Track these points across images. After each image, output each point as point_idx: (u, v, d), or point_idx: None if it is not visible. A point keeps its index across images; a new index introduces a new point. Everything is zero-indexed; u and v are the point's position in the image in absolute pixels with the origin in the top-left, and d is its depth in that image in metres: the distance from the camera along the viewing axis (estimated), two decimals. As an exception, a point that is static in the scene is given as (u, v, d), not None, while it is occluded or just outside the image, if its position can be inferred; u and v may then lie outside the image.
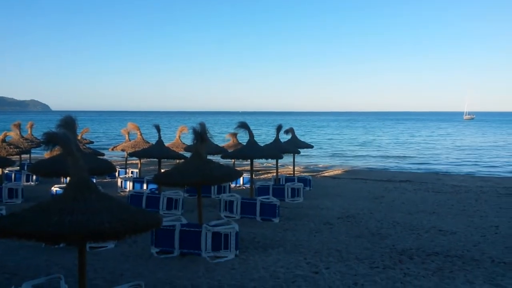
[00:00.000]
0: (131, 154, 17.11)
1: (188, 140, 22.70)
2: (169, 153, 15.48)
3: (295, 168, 20.65)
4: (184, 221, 9.97)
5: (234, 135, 21.30)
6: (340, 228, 11.87)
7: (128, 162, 22.32)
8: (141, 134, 19.66)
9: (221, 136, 34.35)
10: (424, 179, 22.70)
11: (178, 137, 20.93)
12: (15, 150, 18.68)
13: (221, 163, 11.22)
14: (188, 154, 16.21)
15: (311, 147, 22.66)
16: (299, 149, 19.59)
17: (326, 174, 25.24)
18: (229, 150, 18.58)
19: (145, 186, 16.83)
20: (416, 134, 78.72)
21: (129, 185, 17.52)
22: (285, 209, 13.93)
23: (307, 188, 18.06)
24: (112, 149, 22.76)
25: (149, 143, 19.68)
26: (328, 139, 65.30)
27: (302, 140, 22.85)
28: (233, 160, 19.53)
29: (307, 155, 35.18)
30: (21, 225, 5.07)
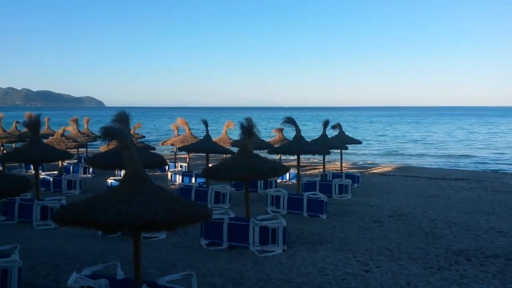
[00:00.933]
0: (180, 149, 17.57)
1: (235, 135, 23.01)
2: (216, 148, 15.73)
3: (343, 164, 20.26)
4: (232, 215, 10.09)
5: (280, 130, 21.25)
6: (391, 227, 11.50)
7: (177, 156, 22.96)
8: (189, 129, 20.12)
9: (267, 132, 34.41)
10: (481, 178, 21.47)
11: (225, 132, 21.20)
12: (73, 144, 19.77)
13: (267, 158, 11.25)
14: (235, 149, 16.39)
15: (360, 143, 22.12)
16: (346, 145, 19.18)
17: (375, 171, 24.54)
18: (275, 146, 18.55)
19: (193, 180, 17.24)
20: (473, 130, 74.54)
21: (179, 179, 18.02)
22: (332, 205, 13.72)
23: (355, 185, 17.67)
24: (162, 144, 23.50)
25: (197, 138, 20.10)
26: (379, 135, 63.36)
27: (350, 136, 22.32)
28: (279, 156, 19.50)
29: (355, 151, 34.38)
30: (82, 215, 5.35)
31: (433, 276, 7.91)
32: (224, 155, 20.84)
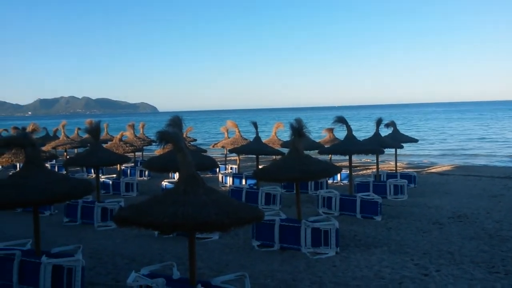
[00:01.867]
0: (230, 151, 17.81)
1: (284, 136, 22.96)
2: (266, 149, 15.76)
3: (397, 164, 19.51)
4: (283, 216, 10.05)
5: (331, 130, 20.88)
6: (451, 229, 10.90)
7: (227, 158, 23.30)
8: (239, 131, 20.33)
9: (317, 132, 33.95)
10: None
11: (274, 134, 21.19)
12: (130, 148, 20.67)
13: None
14: (285, 150, 16.33)
15: (415, 141, 21.14)
16: (401, 144, 18.43)
17: (433, 170, 23.34)
18: (326, 146, 18.26)
19: (243, 182, 17.39)
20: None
21: (229, 180, 18.26)
22: (387, 206, 13.26)
23: (412, 185, 16.96)
24: (213, 146, 23.92)
25: (247, 140, 20.26)
26: (439, 132, 60.27)
27: (406, 134, 21.40)
28: (329, 156, 19.18)
29: (412, 151, 32.99)
30: (140, 216, 5.56)
31: (500, 281, 7.40)
32: (274, 157, 20.87)
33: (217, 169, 19.92)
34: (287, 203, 14.23)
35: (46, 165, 15.64)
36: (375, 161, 16.91)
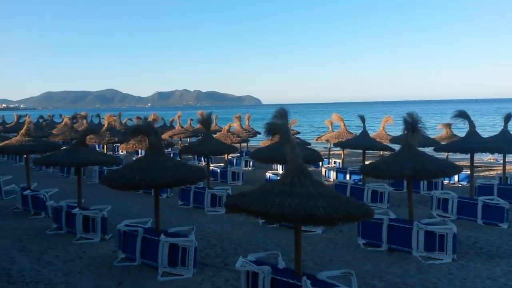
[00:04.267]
0: (335, 145, 17.39)
1: (392, 131, 21.69)
2: (374, 144, 15.02)
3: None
4: (392, 216, 9.49)
5: (448, 125, 19.10)
6: None
7: (330, 152, 22.86)
8: (344, 125, 19.75)
9: (432, 128, 31.34)
10: None
11: (383, 128, 20.14)
12: (237, 138, 21.52)
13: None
14: (394, 146, 15.43)
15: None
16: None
17: None
18: (442, 143, 16.76)
19: (348, 177, 16.89)
20: None
21: (333, 175, 17.92)
22: (515, 213, 11.69)
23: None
24: (317, 140, 23.67)
25: (352, 134, 19.62)
26: None
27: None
28: (446, 154, 17.58)
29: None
30: (248, 204, 5.69)
31: None
32: (382, 152, 19.85)
33: (320, 163, 19.69)
34: (395, 202, 13.45)
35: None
36: (501, 162, 15.01)
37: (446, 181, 16.41)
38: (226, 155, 18.83)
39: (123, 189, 7.81)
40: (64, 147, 12.85)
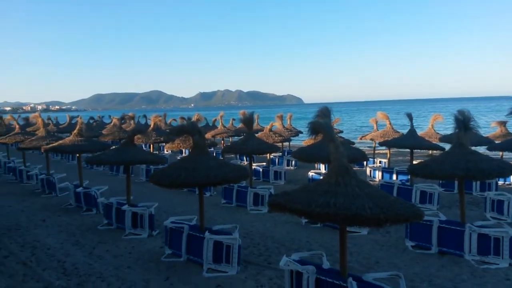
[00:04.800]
0: (381, 144, 16.91)
1: (441, 129, 20.84)
2: (422, 143, 14.44)
3: None
4: (443, 217, 9.08)
5: (503, 123, 18.04)
6: None
7: (375, 151, 22.28)
8: (390, 124, 19.16)
9: (484, 126, 29.77)
10: None
11: (431, 126, 19.36)
12: (279, 138, 21.45)
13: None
14: (443, 145, 14.79)
15: None
16: None
17: None
18: (496, 141, 15.85)
19: (394, 177, 16.38)
20: None
21: (378, 175, 17.43)
22: None
23: None
24: (361, 139, 23.15)
25: (398, 132, 19.00)
26: None
27: None
28: (501, 153, 16.62)
29: None
30: (292, 203, 5.65)
31: None
32: (430, 151, 19.12)
33: (365, 163, 19.25)
34: (445, 204, 12.88)
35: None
36: None
37: (500, 182, 15.51)
38: (268, 154, 18.88)
39: (169, 187, 8.01)
40: (114, 147, 13.40)
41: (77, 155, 14.24)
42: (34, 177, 17.72)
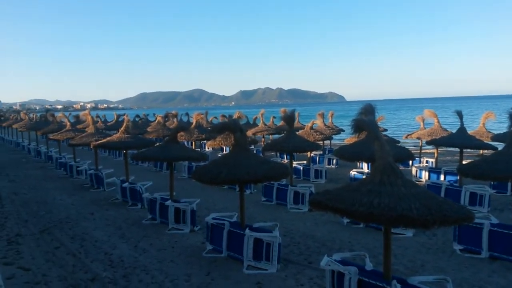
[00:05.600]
0: (428, 143, 16.22)
1: (493, 128, 19.71)
2: (473, 142, 13.70)
3: None
4: (494, 221, 8.59)
5: None
6: None
7: (422, 151, 21.47)
8: (438, 122, 18.35)
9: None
10: None
11: (483, 125, 18.37)
12: (320, 136, 21.21)
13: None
14: (497, 145, 13.99)
15: None
16: None
17: None
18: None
19: (442, 177, 15.71)
20: None
21: (424, 175, 16.80)
22: None
23: None
24: (406, 137, 22.38)
25: (447, 131, 18.17)
26: None
27: None
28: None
29: None
30: (334, 202, 5.53)
31: None
32: (481, 151, 18.15)
33: (410, 162, 18.60)
34: (497, 206, 12.20)
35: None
36: None
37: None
38: (309, 153, 18.67)
39: (211, 183, 8.11)
40: (158, 144, 13.77)
41: (124, 151, 14.76)
42: (83, 172, 18.59)
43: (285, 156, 23.86)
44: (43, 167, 22.72)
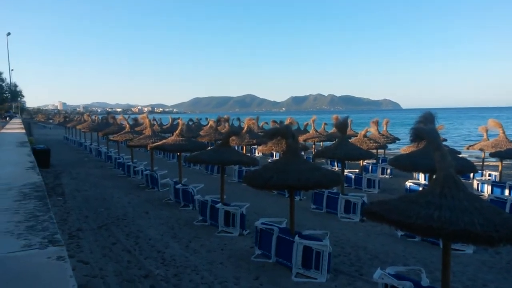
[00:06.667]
0: (492, 155, 15.22)
1: None
2: (544, 155, 12.68)
3: None
4: None
5: None
6: None
7: (484, 163, 20.17)
8: (504, 133, 17.15)
9: None
10: None
11: (557, 137, 16.93)
12: (374, 144, 20.56)
13: None
14: None
15: None
16: None
17: None
18: None
19: (506, 192, 14.66)
20: None
21: (487, 189, 15.77)
22: None
23: None
24: (468, 148, 21.13)
25: (513, 143, 16.92)
26: None
27: None
28: None
29: None
30: (390, 213, 5.31)
31: None
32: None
33: (471, 175, 17.55)
34: None
35: (299, 155, 17.29)
36: None
37: None
38: (361, 161, 18.19)
39: (261, 188, 8.13)
40: (210, 147, 14.05)
41: (178, 153, 15.21)
42: (140, 173, 19.40)
43: (335, 163, 23.42)
44: (102, 166, 23.97)
